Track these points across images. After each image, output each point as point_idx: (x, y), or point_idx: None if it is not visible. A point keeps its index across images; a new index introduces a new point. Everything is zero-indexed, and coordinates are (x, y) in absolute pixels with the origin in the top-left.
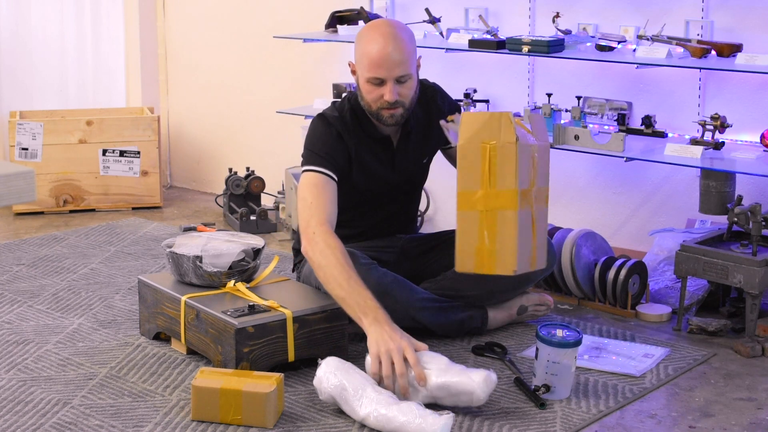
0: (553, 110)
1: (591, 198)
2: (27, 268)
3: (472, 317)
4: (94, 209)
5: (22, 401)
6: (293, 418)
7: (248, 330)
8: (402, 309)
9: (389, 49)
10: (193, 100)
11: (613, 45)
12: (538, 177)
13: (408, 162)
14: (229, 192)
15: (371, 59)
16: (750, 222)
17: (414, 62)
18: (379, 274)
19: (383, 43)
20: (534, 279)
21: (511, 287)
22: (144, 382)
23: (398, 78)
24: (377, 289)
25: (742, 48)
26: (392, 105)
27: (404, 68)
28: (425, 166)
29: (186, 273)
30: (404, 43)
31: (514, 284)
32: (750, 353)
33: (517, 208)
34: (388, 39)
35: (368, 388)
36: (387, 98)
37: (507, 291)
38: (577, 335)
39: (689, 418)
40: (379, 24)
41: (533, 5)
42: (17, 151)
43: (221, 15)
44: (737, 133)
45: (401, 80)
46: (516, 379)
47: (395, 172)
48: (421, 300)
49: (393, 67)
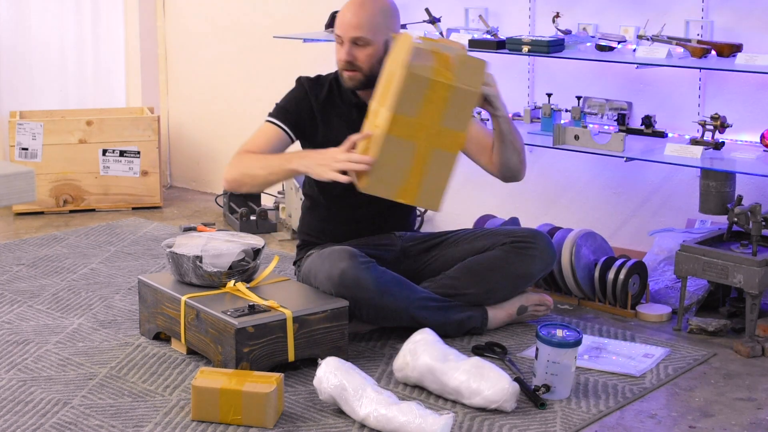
0: (553, 110)
1: (591, 198)
2: (27, 268)
3: (471, 317)
4: (94, 209)
5: (22, 401)
6: (293, 418)
7: (248, 330)
8: (401, 308)
9: (351, 11)
10: (193, 100)
11: (613, 45)
12: (446, 117)
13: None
14: (229, 192)
15: (337, 17)
16: (750, 222)
17: (380, 33)
18: (378, 273)
19: (350, 5)
20: (532, 277)
21: (511, 285)
22: (144, 382)
23: (354, 40)
24: (376, 287)
25: (742, 48)
26: (350, 67)
27: (360, 32)
28: None
29: (186, 273)
30: (370, 9)
31: (513, 282)
32: (750, 353)
33: (386, 131)
34: (356, 3)
35: (368, 388)
36: (340, 56)
37: (506, 289)
38: (577, 335)
39: (689, 418)
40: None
41: (533, 5)
42: (17, 151)
43: (221, 15)
44: (737, 133)
45: (358, 43)
46: (516, 378)
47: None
48: (420, 299)
49: (349, 28)
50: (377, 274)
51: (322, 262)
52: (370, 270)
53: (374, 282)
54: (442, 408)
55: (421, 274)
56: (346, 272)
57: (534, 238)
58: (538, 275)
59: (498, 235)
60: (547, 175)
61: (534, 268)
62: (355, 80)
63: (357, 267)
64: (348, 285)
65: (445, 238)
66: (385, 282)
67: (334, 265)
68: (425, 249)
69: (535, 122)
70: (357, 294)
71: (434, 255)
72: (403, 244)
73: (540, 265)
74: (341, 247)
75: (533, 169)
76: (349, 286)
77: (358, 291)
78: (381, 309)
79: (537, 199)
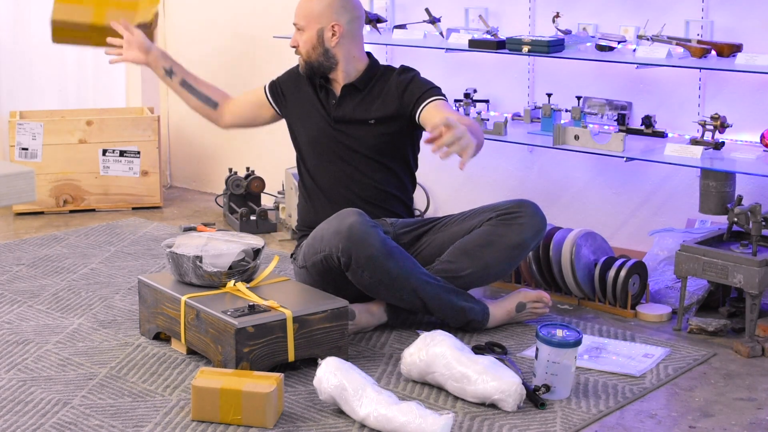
0: (553, 110)
1: (591, 198)
2: (27, 268)
3: (473, 309)
4: (94, 209)
5: (22, 401)
6: (293, 418)
7: (248, 330)
8: (404, 275)
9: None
10: None
11: (613, 45)
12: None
13: (345, 112)
14: (229, 192)
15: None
16: (750, 222)
17: (314, 21)
18: (384, 236)
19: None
20: (525, 245)
21: (506, 258)
22: (144, 382)
23: (296, 25)
24: (383, 246)
25: (742, 48)
26: (296, 52)
27: (299, 18)
28: (374, 128)
29: (186, 273)
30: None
31: (507, 254)
32: (750, 353)
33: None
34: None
35: (368, 388)
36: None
37: (502, 263)
38: (577, 335)
39: (689, 418)
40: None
41: (533, 5)
42: (17, 151)
43: (221, 15)
44: (737, 133)
45: (298, 28)
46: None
47: (331, 119)
48: (425, 274)
49: (295, 15)
50: (383, 236)
51: (329, 222)
52: (378, 230)
53: (381, 241)
54: (442, 408)
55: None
56: (354, 226)
57: (519, 207)
58: (532, 243)
59: (484, 212)
60: (547, 175)
61: (525, 235)
62: (301, 65)
63: (366, 224)
64: (355, 239)
65: (435, 224)
66: (391, 246)
67: (343, 221)
68: (416, 236)
69: (535, 122)
70: (363, 250)
71: (425, 241)
72: (395, 231)
73: (530, 232)
74: (349, 208)
75: (533, 168)
76: (357, 240)
77: (364, 247)
78: (384, 272)
79: (537, 199)
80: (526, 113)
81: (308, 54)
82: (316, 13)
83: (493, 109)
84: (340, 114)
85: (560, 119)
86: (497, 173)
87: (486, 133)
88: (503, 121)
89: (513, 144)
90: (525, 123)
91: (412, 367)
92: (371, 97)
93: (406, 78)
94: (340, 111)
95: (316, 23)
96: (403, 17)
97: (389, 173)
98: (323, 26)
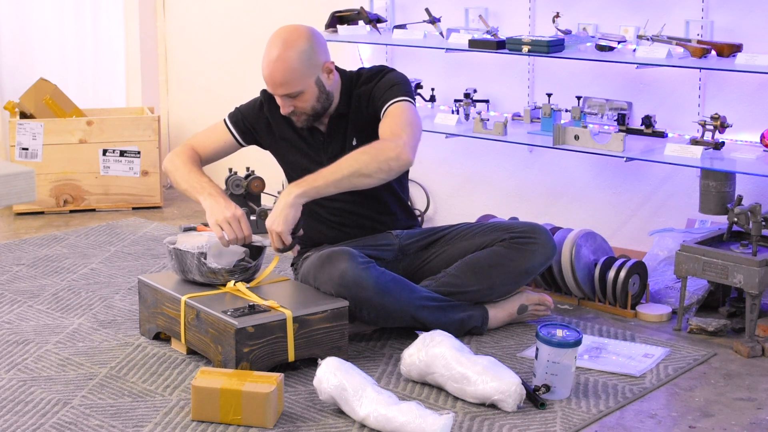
0: (553, 110)
1: (591, 198)
2: (27, 268)
3: (472, 316)
4: (94, 209)
5: (22, 401)
6: (293, 418)
7: (248, 330)
8: (402, 308)
9: (271, 68)
10: (193, 100)
11: (613, 45)
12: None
13: (335, 147)
14: (229, 192)
15: (262, 71)
16: (750, 222)
17: (307, 77)
18: (378, 273)
19: (268, 61)
20: (533, 272)
21: (512, 281)
22: (144, 382)
23: (288, 95)
24: (376, 287)
25: (742, 48)
26: (293, 115)
27: (288, 88)
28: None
29: (189, 269)
30: (288, 61)
31: (514, 278)
32: (750, 353)
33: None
34: (273, 61)
35: (368, 388)
36: (281, 111)
37: (507, 285)
38: (577, 335)
39: (689, 418)
40: (272, 40)
41: (533, 5)
42: (17, 151)
43: (221, 15)
44: (737, 133)
45: (292, 96)
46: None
47: (322, 158)
48: (421, 299)
49: (276, 88)
50: (377, 274)
51: (322, 264)
52: (370, 270)
53: (374, 282)
54: (442, 408)
55: (420, 272)
56: (346, 273)
57: (534, 233)
58: (539, 269)
59: (497, 231)
60: (547, 175)
61: (535, 262)
62: (303, 121)
63: (357, 267)
64: (348, 285)
65: (443, 235)
66: (385, 282)
67: (334, 266)
68: (423, 246)
69: (535, 122)
70: (358, 294)
71: (433, 252)
72: (401, 243)
73: (541, 259)
74: (341, 248)
75: (533, 169)
76: (350, 286)
77: (358, 291)
78: (382, 309)
79: (537, 199)
80: (526, 113)
81: (314, 107)
82: (304, 69)
83: (493, 109)
84: (331, 151)
85: (560, 119)
86: (497, 173)
87: (486, 133)
88: (503, 121)
89: (513, 144)
90: (525, 123)
91: (411, 368)
92: (354, 116)
93: (368, 88)
94: (330, 148)
95: (310, 77)
96: (403, 17)
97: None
98: (317, 74)
